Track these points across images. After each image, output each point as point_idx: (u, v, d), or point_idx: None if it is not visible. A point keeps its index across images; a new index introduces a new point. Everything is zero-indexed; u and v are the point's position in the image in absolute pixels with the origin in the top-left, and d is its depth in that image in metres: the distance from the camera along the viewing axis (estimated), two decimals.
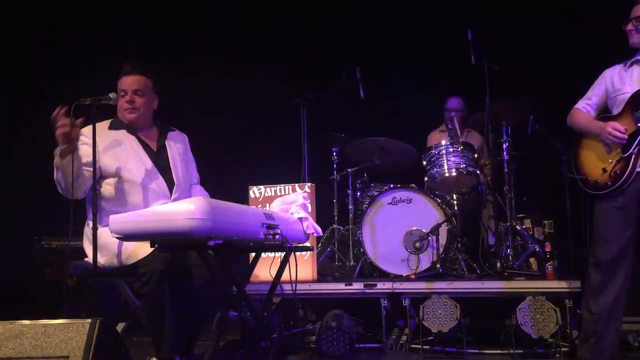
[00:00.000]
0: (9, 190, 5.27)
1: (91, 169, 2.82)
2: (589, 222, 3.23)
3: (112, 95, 2.92)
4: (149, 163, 3.07)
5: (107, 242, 2.85)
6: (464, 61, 4.23)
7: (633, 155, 2.98)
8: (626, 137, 2.99)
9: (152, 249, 2.70)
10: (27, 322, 2.33)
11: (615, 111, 3.13)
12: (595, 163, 3.12)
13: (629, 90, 3.07)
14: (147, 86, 3.16)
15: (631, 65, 3.13)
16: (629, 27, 3.06)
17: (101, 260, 2.88)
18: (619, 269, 3.04)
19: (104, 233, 2.80)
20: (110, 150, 3.02)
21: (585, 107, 3.27)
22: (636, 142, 2.97)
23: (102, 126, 3.09)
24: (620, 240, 3.03)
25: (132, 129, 3.14)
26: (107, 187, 3.01)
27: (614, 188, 3.01)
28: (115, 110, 3.17)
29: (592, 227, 3.16)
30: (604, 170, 3.06)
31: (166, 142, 3.22)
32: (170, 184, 3.09)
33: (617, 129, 3.00)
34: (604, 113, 3.23)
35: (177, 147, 3.25)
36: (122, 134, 3.10)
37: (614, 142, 3.02)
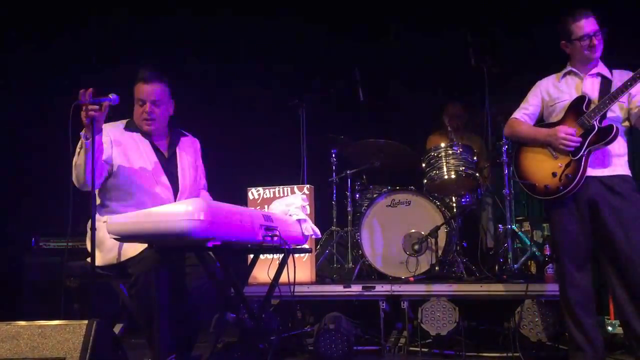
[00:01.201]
0: (7, 190, 5.26)
1: (109, 162, 2.96)
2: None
3: (111, 95, 2.91)
4: (158, 168, 3.08)
5: (105, 238, 2.84)
6: (464, 63, 4.23)
7: (583, 158, 3.01)
8: (580, 139, 3.02)
9: (142, 248, 2.70)
10: (23, 323, 2.33)
11: (554, 119, 3.19)
12: (543, 168, 3.13)
13: (567, 98, 3.15)
14: (165, 94, 3.14)
15: (564, 75, 3.24)
16: (596, 42, 3.08)
17: (98, 256, 2.86)
18: (581, 278, 3.05)
19: (103, 228, 2.79)
20: (123, 150, 3.04)
21: (523, 117, 3.31)
22: (585, 144, 3.01)
23: (118, 125, 3.12)
24: (577, 249, 3.05)
25: (147, 133, 3.15)
26: (115, 186, 3.01)
27: (566, 192, 3.02)
28: (125, 107, 3.15)
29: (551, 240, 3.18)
30: (554, 174, 3.07)
31: (177, 149, 3.22)
32: (176, 192, 3.10)
33: (569, 133, 3.04)
34: (539, 122, 3.28)
35: (187, 154, 3.25)
36: (137, 137, 3.11)
37: (568, 147, 3.03)
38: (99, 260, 2.85)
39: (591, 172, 3.04)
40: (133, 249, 2.80)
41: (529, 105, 3.32)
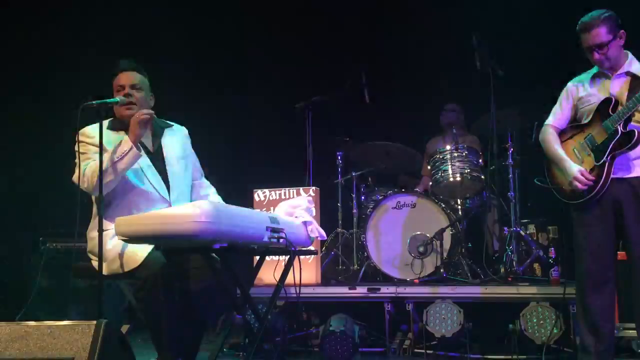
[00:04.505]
0: (16, 191, 5.30)
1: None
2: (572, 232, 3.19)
3: (118, 97, 2.93)
4: (147, 164, 3.01)
5: (106, 250, 2.84)
6: (470, 66, 4.24)
7: (607, 163, 2.98)
8: (591, 183, 2.98)
9: (147, 254, 2.70)
10: (33, 323, 2.35)
11: (585, 120, 3.14)
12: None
13: (595, 100, 3.10)
14: (144, 83, 3.08)
15: (594, 75, 3.16)
16: (597, 57, 3.02)
17: (103, 266, 2.84)
18: (604, 283, 3.03)
19: (104, 237, 2.78)
20: (110, 151, 2.95)
21: (556, 122, 3.26)
22: (608, 149, 2.97)
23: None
24: (602, 252, 3.02)
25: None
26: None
27: (590, 196, 3.00)
28: (113, 110, 3.08)
29: (573, 242, 3.14)
30: None
31: (162, 142, 3.13)
32: (168, 186, 3.03)
33: (585, 176, 2.99)
34: (574, 122, 3.23)
35: (174, 145, 3.15)
36: (121, 135, 2.99)
37: (577, 188, 3.01)
38: (105, 270, 2.83)
39: (616, 175, 2.99)
40: (134, 260, 2.77)
41: (561, 109, 3.26)
